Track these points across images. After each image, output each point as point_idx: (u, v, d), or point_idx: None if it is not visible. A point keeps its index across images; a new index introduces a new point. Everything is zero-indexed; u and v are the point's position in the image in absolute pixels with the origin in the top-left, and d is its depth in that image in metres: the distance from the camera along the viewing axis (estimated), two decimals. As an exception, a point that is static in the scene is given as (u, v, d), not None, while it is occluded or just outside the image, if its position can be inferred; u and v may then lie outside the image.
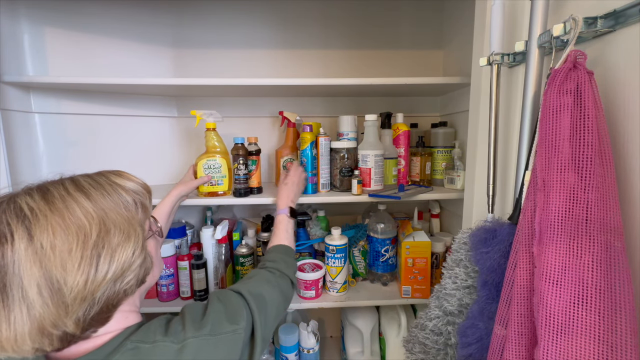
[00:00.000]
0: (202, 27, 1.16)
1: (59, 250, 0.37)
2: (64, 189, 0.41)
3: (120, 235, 0.41)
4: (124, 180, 0.47)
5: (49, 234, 0.37)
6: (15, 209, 0.37)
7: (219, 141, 0.97)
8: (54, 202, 0.39)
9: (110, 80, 0.92)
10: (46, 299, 0.36)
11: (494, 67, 0.61)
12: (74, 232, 0.38)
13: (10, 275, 0.35)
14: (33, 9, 1.01)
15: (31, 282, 0.35)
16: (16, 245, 0.35)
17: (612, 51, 0.44)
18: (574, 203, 0.39)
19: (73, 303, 0.37)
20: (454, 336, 0.63)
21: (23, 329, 0.36)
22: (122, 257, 0.41)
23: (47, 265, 0.36)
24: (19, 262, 0.35)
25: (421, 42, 1.22)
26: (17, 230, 0.36)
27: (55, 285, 0.36)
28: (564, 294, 0.38)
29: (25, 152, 0.99)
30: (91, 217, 0.40)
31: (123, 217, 0.43)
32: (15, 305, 0.35)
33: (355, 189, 0.95)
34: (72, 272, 0.37)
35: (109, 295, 0.41)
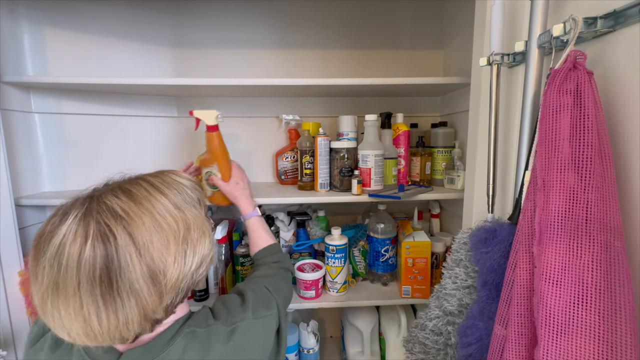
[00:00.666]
0: (202, 27, 1.16)
1: (157, 247, 0.41)
2: (144, 189, 0.45)
3: (198, 232, 0.46)
4: (183, 179, 0.51)
5: (147, 233, 0.41)
6: (108, 210, 0.41)
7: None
8: (141, 203, 0.43)
9: (110, 80, 0.92)
10: (150, 289, 0.41)
11: (494, 67, 0.61)
12: (167, 230, 0.43)
13: (117, 270, 0.39)
14: (33, 9, 1.01)
15: (138, 275, 0.40)
16: (119, 243, 0.39)
17: (612, 51, 0.44)
18: (574, 203, 0.39)
19: (167, 292, 0.42)
20: (454, 336, 0.63)
21: (133, 316, 0.40)
22: (201, 251, 0.46)
23: (150, 260, 0.40)
24: (125, 258, 0.39)
25: (421, 42, 1.22)
26: (117, 230, 0.39)
27: (157, 277, 0.41)
28: (564, 294, 0.38)
29: (25, 152, 0.99)
30: (176, 215, 0.44)
31: (196, 215, 0.48)
32: (124, 296, 0.39)
33: (355, 189, 0.95)
34: (170, 265, 0.42)
35: (189, 285, 0.46)
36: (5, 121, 0.89)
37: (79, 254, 0.38)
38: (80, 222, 0.39)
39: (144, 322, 0.42)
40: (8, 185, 0.83)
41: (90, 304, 0.38)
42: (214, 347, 0.47)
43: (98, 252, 0.38)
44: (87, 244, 0.38)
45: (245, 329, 0.50)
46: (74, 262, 0.38)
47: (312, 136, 1.03)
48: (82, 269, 0.38)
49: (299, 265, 1.03)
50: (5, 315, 0.84)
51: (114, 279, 0.39)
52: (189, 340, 0.47)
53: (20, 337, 0.87)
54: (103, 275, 0.38)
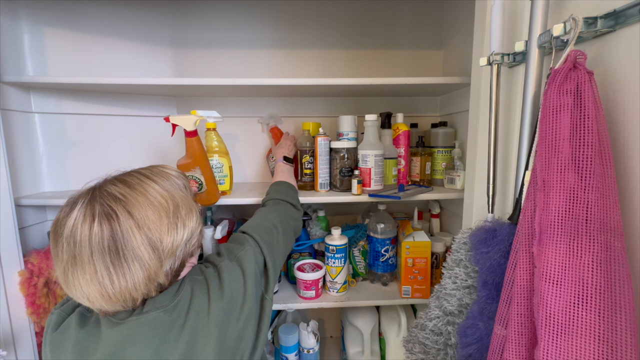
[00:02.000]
0: (202, 27, 1.16)
1: (152, 220, 0.50)
2: (137, 178, 0.53)
3: (185, 209, 0.55)
4: (170, 170, 0.60)
5: (143, 210, 0.49)
6: (109, 195, 0.49)
7: (219, 141, 0.98)
8: (135, 188, 0.51)
9: (110, 80, 0.92)
10: (151, 254, 0.49)
11: (494, 67, 0.61)
12: (158, 207, 0.51)
13: (122, 241, 0.47)
14: (33, 9, 1.01)
15: (139, 244, 0.48)
16: (121, 219, 0.48)
17: (612, 51, 0.44)
18: (574, 203, 0.39)
19: (165, 258, 0.51)
20: (454, 336, 0.63)
21: (139, 278, 0.48)
22: (190, 225, 0.55)
23: (147, 232, 0.49)
24: (127, 231, 0.47)
25: (421, 42, 1.22)
26: (119, 209, 0.48)
27: (155, 244, 0.49)
28: (564, 294, 0.38)
29: (25, 152, 0.99)
30: (165, 195, 0.53)
31: (182, 196, 0.56)
32: (129, 262, 0.47)
33: (355, 189, 0.95)
34: (165, 235, 0.50)
35: (184, 253, 0.54)
36: (5, 121, 0.89)
37: (89, 230, 0.46)
38: (87, 206, 0.48)
39: (149, 283, 0.50)
40: (8, 185, 0.83)
41: (102, 269, 0.47)
42: (212, 290, 0.57)
43: (104, 228, 0.47)
44: (94, 222, 0.47)
45: (225, 267, 0.60)
46: (86, 237, 0.46)
47: (312, 136, 1.03)
48: (93, 242, 0.46)
49: (299, 265, 1.03)
50: (5, 315, 0.84)
51: (120, 248, 0.47)
52: (193, 282, 0.57)
53: (20, 337, 0.87)
54: (111, 245, 0.47)
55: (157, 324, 0.51)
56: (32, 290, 0.86)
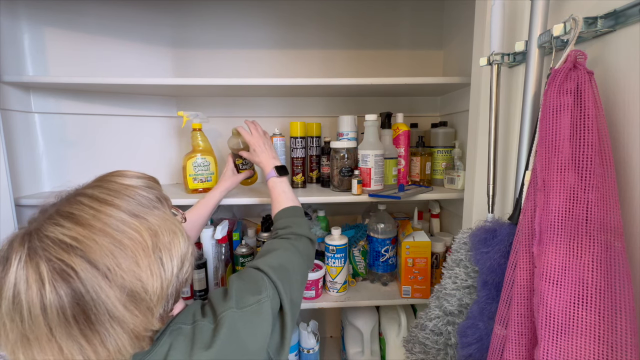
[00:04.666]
0: (202, 27, 1.16)
1: (126, 266, 0.37)
2: (88, 207, 0.39)
3: (167, 234, 0.43)
4: (132, 179, 0.46)
5: (109, 256, 0.37)
6: (54, 243, 0.36)
7: (203, 140, 1.03)
8: (90, 224, 0.38)
9: (110, 80, 0.92)
10: (133, 311, 0.38)
11: (494, 67, 0.61)
12: (131, 246, 0.38)
13: (91, 304, 0.35)
14: (33, 9, 1.01)
15: (115, 302, 0.36)
16: (82, 276, 0.35)
17: (612, 51, 0.44)
18: (574, 203, 0.39)
19: (156, 305, 0.40)
20: (454, 336, 0.63)
21: (123, 342, 0.38)
22: (179, 252, 0.43)
23: (123, 283, 0.37)
24: (94, 290, 0.35)
25: (421, 42, 1.22)
26: (75, 262, 0.35)
27: (138, 296, 0.38)
28: (564, 294, 0.38)
29: (25, 152, 0.99)
30: (136, 226, 0.40)
31: (159, 217, 0.43)
32: (107, 326, 0.36)
33: (355, 189, 0.95)
34: (149, 280, 0.39)
35: (177, 288, 0.44)
36: (5, 121, 0.89)
37: (40, 300, 0.34)
38: (26, 266, 0.35)
39: (138, 341, 0.40)
40: (8, 185, 0.83)
41: (71, 346, 0.35)
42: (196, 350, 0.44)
43: (62, 292, 0.34)
44: (45, 288, 0.34)
45: (229, 321, 0.46)
46: (37, 309, 0.34)
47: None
48: (49, 315, 0.34)
49: (299, 265, 1.03)
50: (5, 315, 0.84)
51: (90, 313, 0.35)
52: (174, 337, 0.44)
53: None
54: (77, 313, 0.35)
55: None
56: (32, 290, 0.86)
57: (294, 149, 1.09)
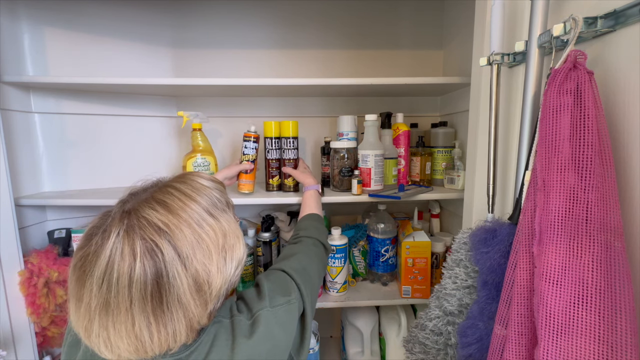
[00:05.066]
0: (202, 27, 1.16)
1: (199, 258, 0.41)
2: (177, 199, 0.44)
3: (233, 237, 0.47)
4: (207, 181, 0.50)
5: (190, 245, 0.41)
6: (149, 225, 0.40)
7: (203, 140, 1.03)
8: (179, 214, 0.42)
9: (110, 80, 0.92)
10: (197, 301, 0.41)
11: (494, 67, 0.61)
12: (207, 241, 0.42)
13: (167, 285, 0.39)
14: (33, 9, 1.01)
15: (185, 288, 0.40)
16: (167, 259, 0.39)
17: (612, 51, 0.44)
18: (574, 203, 0.39)
19: (211, 300, 0.43)
20: (454, 336, 0.63)
21: (180, 328, 0.40)
22: (238, 255, 0.47)
23: (194, 272, 0.40)
24: (172, 273, 0.39)
25: (421, 42, 1.22)
26: (163, 245, 0.39)
27: (202, 287, 0.41)
28: (564, 294, 0.38)
29: (25, 152, 0.99)
30: (213, 224, 0.44)
31: (229, 220, 0.48)
32: (172, 310, 0.39)
33: (355, 189, 0.95)
34: (214, 275, 0.42)
35: (227, 288, 0.47)
36: (5, 121, 0.89)
37: (130, 272, 0.37)
38: (124, 240, 0.38)
39: (190, 332, 0.42)
40: (8, 185, 0.83)
41: (142, 321, 0.38)
42: (238, 339, 0.47)
43: (148, 269, 0.38)
44: (136, 261, 0.38)
45: (265, 319, 0.49)
46: (125, 280, 0.37)
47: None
48: (134, 287, 0.37)
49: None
50: (5, 315, 0.84)
51: (164, 294, 0.39)
52: (217, 329, 0.48)
53: (20, 337, 0.87)
54: (154, 291, 0.38)
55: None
56: (32, 290, 0.86)
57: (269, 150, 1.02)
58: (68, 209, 1.11)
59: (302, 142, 1.25)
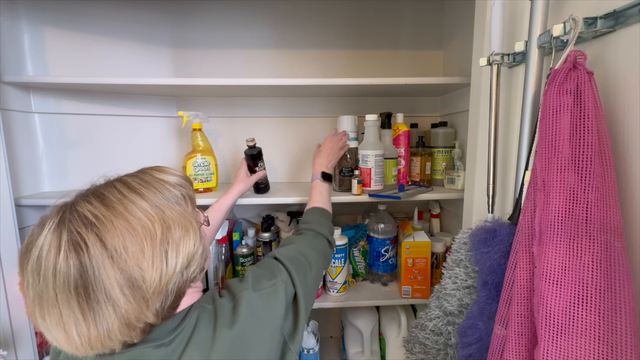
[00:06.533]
0: (202, 27, 1.16)
1: (132, 251, 0.39)
2: (118, 192, 0.43)
3: (180, 230, 0.44)
4: (168, 175, 0.49)
5: (120, 238, 0.39)
6: (80, 217, 0.39)
7: (203, 140, 1.03)
8: (114, 207, 0.41)
9: (110, 80, 0.92)
10: (128, 297, 0.39)
11: (494, 67, 0.61)
12: (141, 233, 0.40)
13: (92, 280, 0.38)
14: (33, 9, 1.01)
15: (113, 283, 0.38)
16: (92, 252, 0.38)
17: (612, 51, 0.44)
18: (574, 203, 0.39)
19: (152, 297, 0.41)
20: (454, 336, 0.63)
21: (113, 326, 0.39)
22: (186, 250, 0.44)
23: (124, 267, 0.39)
24: (97, 267, 0.38)
25: (421, 42, 1.22)
26: (89, 238, 0.38)
27: (135, 283, 0.39)
28: (564, 294, 0.38)
29: (25, 152, 0.99)
30: (152, 216, 0.42)
31: (178, 213, 0.45)
32: (102, 306, 0.38)
33: (355, 189, 0.95)
34: (148, 270, 0.40)
35: (179, 285, 0.44)
36: (5, 121, 0.89)
37: (54, 266, 0.37)
38: (54, 232, 0.39)
39: (128, 330, 0.40)
40: (8, 185, 0.83)
41: (68, 315, 0.38)
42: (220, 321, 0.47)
43: (72, 263, 0.37)
44: (60, 255, 0.37)
45: (247, 300, 0.49)
46: (50, 273, 0.37)
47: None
48: (57, 281, 0.37)
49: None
50: (5, 315, 0.84)
51: (90, 289, 0.37)
52: (199, 313, 0.48)
53: (20, 337, 0.87)
54: (79, 286, 0.37)
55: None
56: (32, 290, 0.86)
57: None
58: (68, 209, 1.11)
59: (302, 142, 1.25)
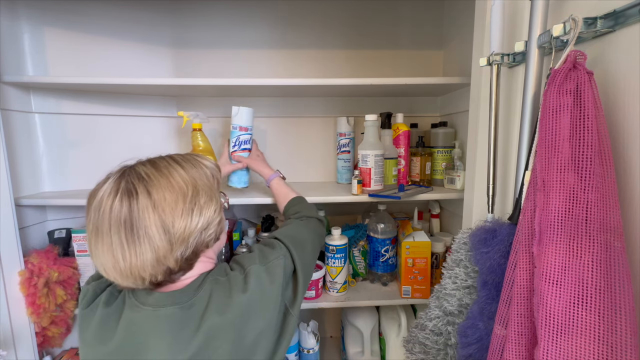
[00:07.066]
0: (202, 27, 1.16)
1: (168, 203, 0.50)
2: (166, 161, 0.55)
3: (205, 197, 0.54)
4: (204, 160, 0.60)
5: (161, 192, 0.50)
6: (135, 174, 0.52)
7: (203, 140, 1.04)
8: (161, 170, 0.53)
9: (110, 80, 0.92)
10: (161, 236, 0.49)
11: (494, 67, 0.61)
12: (177, 191, 0.51)
13: (137, 219, 0.48)
14: (33, 9, 1.01)
15: (152, 224, 0.49)
16: (140, 198, 0.49)
17: (612, 51, 0.44)
18: (574, 203, 0.39)
19: (176, 242, 0.50)
20: (454, 336, 0.63)
21: (147, 257, 0.49)
22: (208, 214, 0.54)
23: (161, 213, 0.49)
24: (142, 210, 0.49)
25: (421, 42, 1.22)
26: (139, 188, 0.50)
27: (166, 227, 0.49)
28: (564, 294, 0.38)
29: (25, 152, 0.99)
30: (187, 181, 0.53)
31: (207, 185, 0.56)
32: (141, 240, 0.48)
33: (355, 189, 0.95)
34: (177, 220, 0.50)
35: (197, 242, 0.53)
36: (5, 121, 0.89)
37: (111, 205, 0.48)
38: (115, 182, 0.51)
39: (157, 265, 0.50)
40: (8, 185, 0.83)
41: (117, 243, 0.48)
42: (235, 292, 0.55)
43: (124, 204, 0.48)
44: (117, 197, 0.49)
45: (255, 273, 0.58)
46: (108, 210, 0.48)
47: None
48: (112, 215, 0.48)
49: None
50: (5, 315, 0.84)
51: (134, 225, 0.48)
52: (213, 285, 0.55)
53: (20, 337, 0.87)
54: (127, 220, 0.48)
55: (172, 319, 0.52)
56: (32, 290, 0.86)
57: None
58: (68, 209, 1.11)
59: (301, 142, 1.25)
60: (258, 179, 1.26)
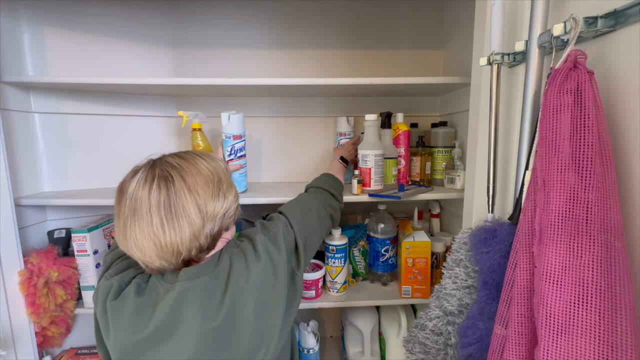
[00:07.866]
0: (202, 27, 1.16)
1: (200, 186, 0.58)
2: (190, 154, 0.63)
3: (226, 185, 0.63)
4: (216, 156, 0.68)
5: (194, 178, 0.58)
6: (167, 163, 0.59)
7: (203, 140, 1.04)
8: (188, 160, 0.61)
9: (110, 80, 0.92)
10: (197, 214, 0.56)
11: (494, 67, 0.61)
12: (206, 177, 0.59)
13: (174, 201, 0.55)
14: (33, 9, 1.01)
15: (188, 204, 0.56)
16: (176, 183, 0.56)
17: (612, 51, 0.44)
18: (574, 203, 0.39)
19: (207, 220, 0.58)
20: (454, 336, 0.63)
21: (186, 233, 0.55)
22: (229, 199, 0.62)
23: (195, 195, 0.56)
24: (179, 193, 0.55)
25: (421, 42, 1.22)
26: (174, 174, 0.57)
27: (201, 207, 0.57)
28: (564, 294, 0.38)
29: (25, 152, 0.99)
30: (212, 170, 0.61)
31: (225, 175, 0.64)
32: (180, 218, 0.55)
33: (355, 189, 0.95)
34: (209, 200, 0.58)
35: (220, 223, 0.61)
36: (5, 121, 0.89)
37: (149, 189, 0.55)
38: (148, 172, 0.57)
39: (193, 240, 0.56)
40: (8, 185, 0.83)
41: (157, 221, 0.54)
42: (250, 261, 0.62)
43: (162, 188, 0.55)
44: (154, 182, 0.55)
45: (260, 242, 0.65)
46: (146, 194, 0.54)
47: None
48: (152, 198, 0.54)
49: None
50: (5, 315, 0.84)
51: (173, 205, 0.55)
52: (230, 255, 0.63)
53: (20, 337, 0.87)
54: (165, 202, 0.54)
55: (205, 288, 0.58)
56: (32, 290, 0.86)
57: None
58: (68, 209, 1.11)
59: (301, 142, 1.25)
60: (256, 182, 1.26)
